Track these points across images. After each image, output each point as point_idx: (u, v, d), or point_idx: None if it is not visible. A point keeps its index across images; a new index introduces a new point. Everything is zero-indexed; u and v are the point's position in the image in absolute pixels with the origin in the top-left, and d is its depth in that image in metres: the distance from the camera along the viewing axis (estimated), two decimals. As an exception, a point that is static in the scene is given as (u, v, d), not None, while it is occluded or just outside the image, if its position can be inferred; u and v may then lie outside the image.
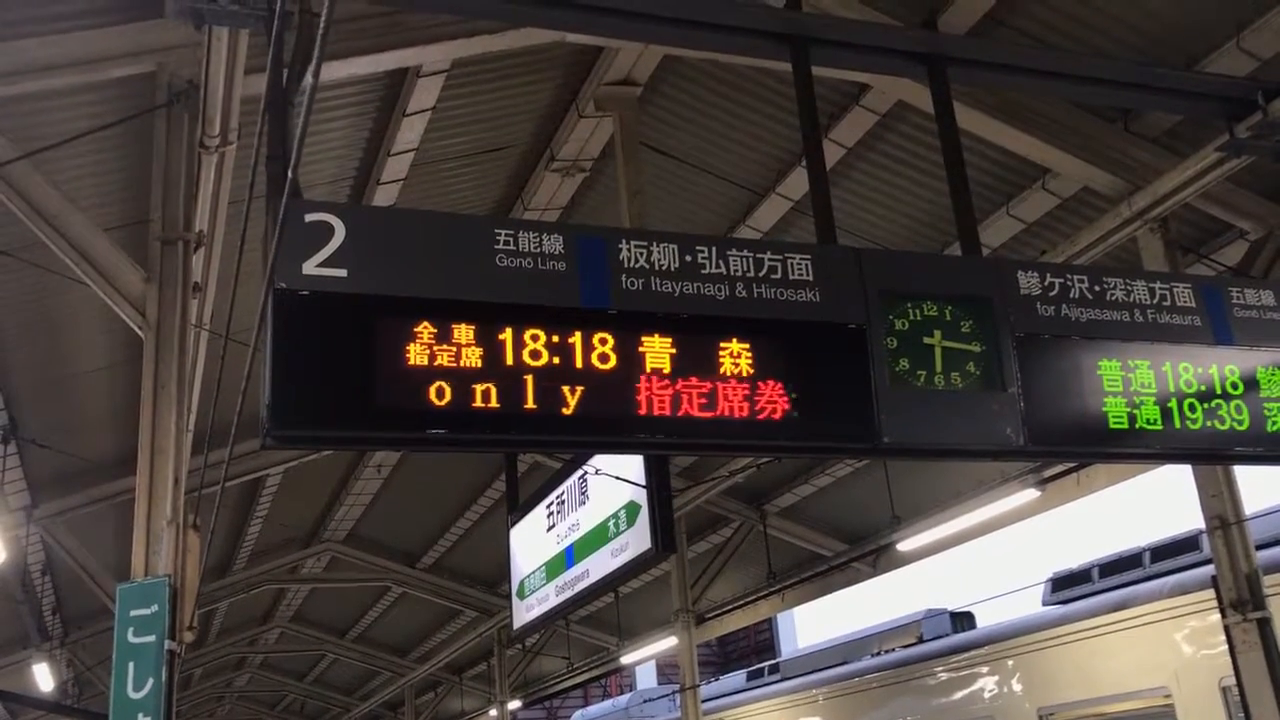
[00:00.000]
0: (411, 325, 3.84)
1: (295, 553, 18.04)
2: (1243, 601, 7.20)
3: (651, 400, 4.04)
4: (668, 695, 19.67)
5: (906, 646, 13.37)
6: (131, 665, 5.06)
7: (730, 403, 4.13)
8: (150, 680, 5.02)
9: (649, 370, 4.07)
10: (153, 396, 5.71)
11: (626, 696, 23.74)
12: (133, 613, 5.14)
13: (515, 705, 21.28)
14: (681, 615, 14.63)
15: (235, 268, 4.86)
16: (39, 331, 9.19)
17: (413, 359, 3.80)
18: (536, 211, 9.48)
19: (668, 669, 32.46)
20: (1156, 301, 4.94)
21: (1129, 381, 4.73)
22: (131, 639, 5.11)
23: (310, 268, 3.80)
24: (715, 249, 4.36)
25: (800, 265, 4.44)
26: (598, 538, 7.52)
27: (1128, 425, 4.66)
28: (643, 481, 6.81)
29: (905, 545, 12.54)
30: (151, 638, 5.10)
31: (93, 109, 6.72)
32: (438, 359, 3.83)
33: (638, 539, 6.90)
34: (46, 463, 10.96)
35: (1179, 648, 9.11)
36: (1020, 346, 4.61)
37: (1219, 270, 8.28)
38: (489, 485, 15.33)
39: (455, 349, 3.86)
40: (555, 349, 3.97)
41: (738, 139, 8.79)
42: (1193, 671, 8.91)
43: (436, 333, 3.86)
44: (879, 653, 13.91)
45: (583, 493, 7.89)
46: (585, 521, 7.80)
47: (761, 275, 4.37)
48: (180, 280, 5.93)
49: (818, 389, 4.27)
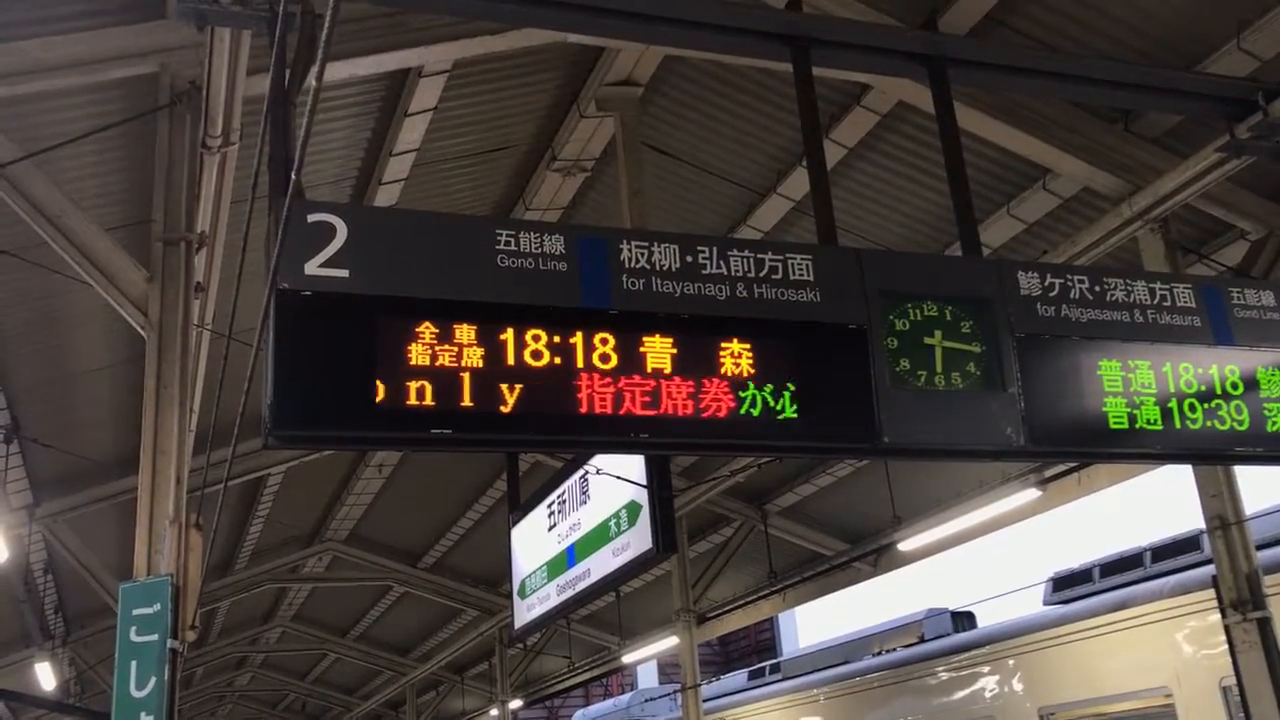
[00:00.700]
0: (413, 325, 3.85)
1: (297, 552, 18.05)
2: (1243, 601, 7.21)
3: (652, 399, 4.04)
4: (669, 695, 19.67)
5: (907, 646, 13.36)
6: (134, 664, 5.08)
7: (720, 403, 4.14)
8: (152, 679, 5.04)
9: (649, 370, 4.08)
10: (155, 396, 5.73)
11: (628, 696, 23.71)
12: (135, 612, 5.16)
13: (516, 705, 21.29)
14: (683, 615, 14.63)
15: (237, 268, 4.88)
16: (41, 331, 9.20)
17: (414, 359, 3.81)
18: (538, 211, 9.49)
19: (669, 668, 32.43)
20: (1157, 302, 4.95)
21: (1129, 382, 4.74)
22: (134, 638, 5.12)
23: (312, 268, 3.81)
24: (716, 249, 4.37)
25: (801, 265, 4.45)
26: (599, 537, 7.53)
27: (1128, 425, 4.67)
28: (643, 481, 6.82)
29: (906, 545, 12.54)
30: (154, 636, 5.11)
31: (95, 109, 6.73)
32: (439, 359, 3.84)
33: (639, 538, 6.91)
34: (49, 462, 10.98)
35: (1179, 647, 9.11)
36: (1020, 347, 4.62)
37: (1219, 271, 8.29)
38: (490, 485, 15.34)
39: (457, 349, 3.87)
40: (556, 349, 3.99)
41: (739, 139, 8.80)
42: (1193, 671, 8.91)
43: (438, 333, 3.87)
44: (880, 652, 13.90)
45: (583, 492, 7.90)
46: (586, 521, 7.81)
47: (762, 275, 4.38)
48: (182, 280, 5.95)
49: (818, 389, 4.28)
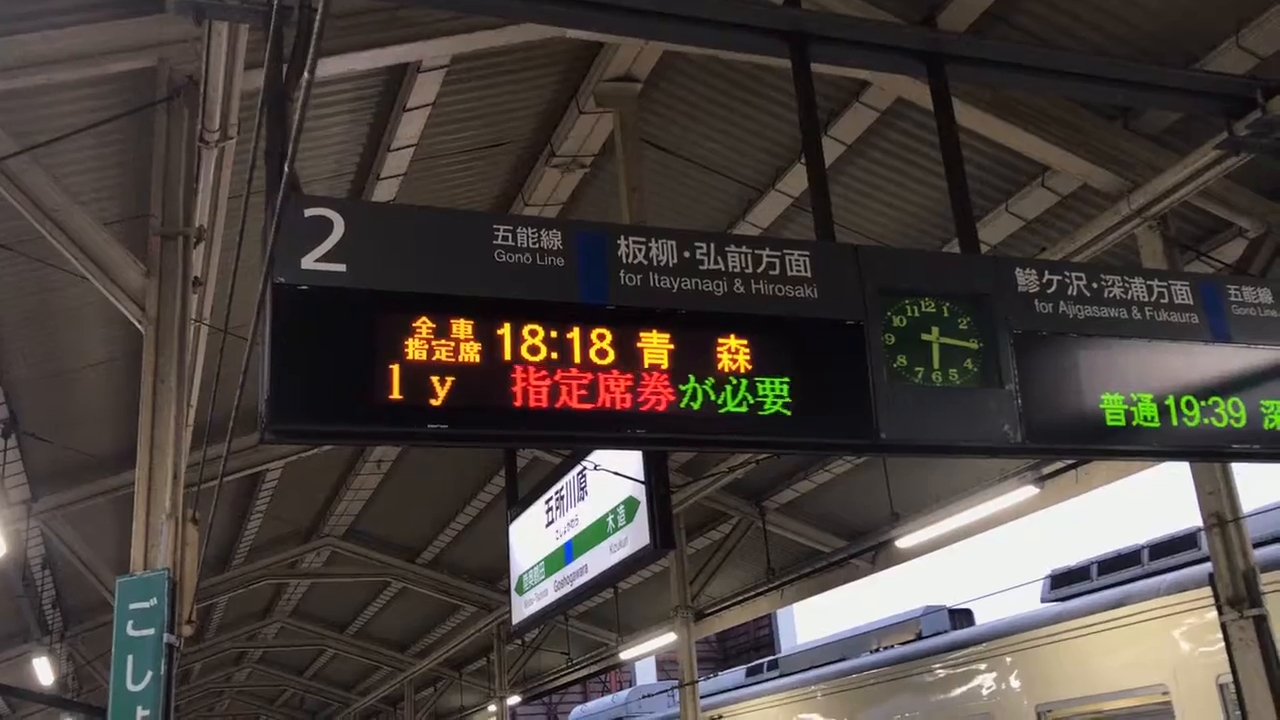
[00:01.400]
0: (410, 320, 3.84)
1: (295, 548, 18.07)
2: (1240, 599, 7.21)
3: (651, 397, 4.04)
4: (667, 691, 19.68)
5: (905, 643, 13.36)
6: (130, 658, 5.08)
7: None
8: (149, 673, 5.04)
9: (647, 366, 4.08)
10: (152, 391, 5.72)
11: (626, 692, 23.74)
12: (132, 606, 5.16)
13: (515, 701, 21.29)
14: (681, 611, 14.64)
15: (235, 262, 4.88)
16: (39, 326, 9.19)
17: (411, 354, 3.80)
18: (536, 207, 9.48)
19: (667, 665, 32.45)
20: (1154, 299, 4.94)
21: (1126, 379, 4.72)
22: (131, 632, 5.12)
23: (309, 263, 3.81)
24: (714, 245, 4.36)
25: (799, 262, 4.44)
26: (597, 533, 7.52)
27: (1125, 423, 4.66)
28: (641, 477, 6.81)
29: (904, 542, 12.54)
30: (150, 631, 5.11)
31: (93, 103, 6.72)
32: (436, 354, 3.83)
33: (637, 535, 6.90)
34: (46, 457, 10.98)
35: (1177, 645, 9.12)
36: (1018, 343, 4.60)
37: (1218, 268, 8.29)
38: (488, 480, 15.34)
39: (454, 344, 3.86)
40: (553, 344, 3.98)
41: (738, 135, 8.79)
42: (1190, 669, 8.91)
43: (435, 328, 3.86)
44: (878, 649, 13.91)
45: (582, 488, 7.90)
46: (584, 517, 7.80)
47: (760, 271, 4.37)
48: (180, 275, 5.94)
49: (816, 385, 4.27)
